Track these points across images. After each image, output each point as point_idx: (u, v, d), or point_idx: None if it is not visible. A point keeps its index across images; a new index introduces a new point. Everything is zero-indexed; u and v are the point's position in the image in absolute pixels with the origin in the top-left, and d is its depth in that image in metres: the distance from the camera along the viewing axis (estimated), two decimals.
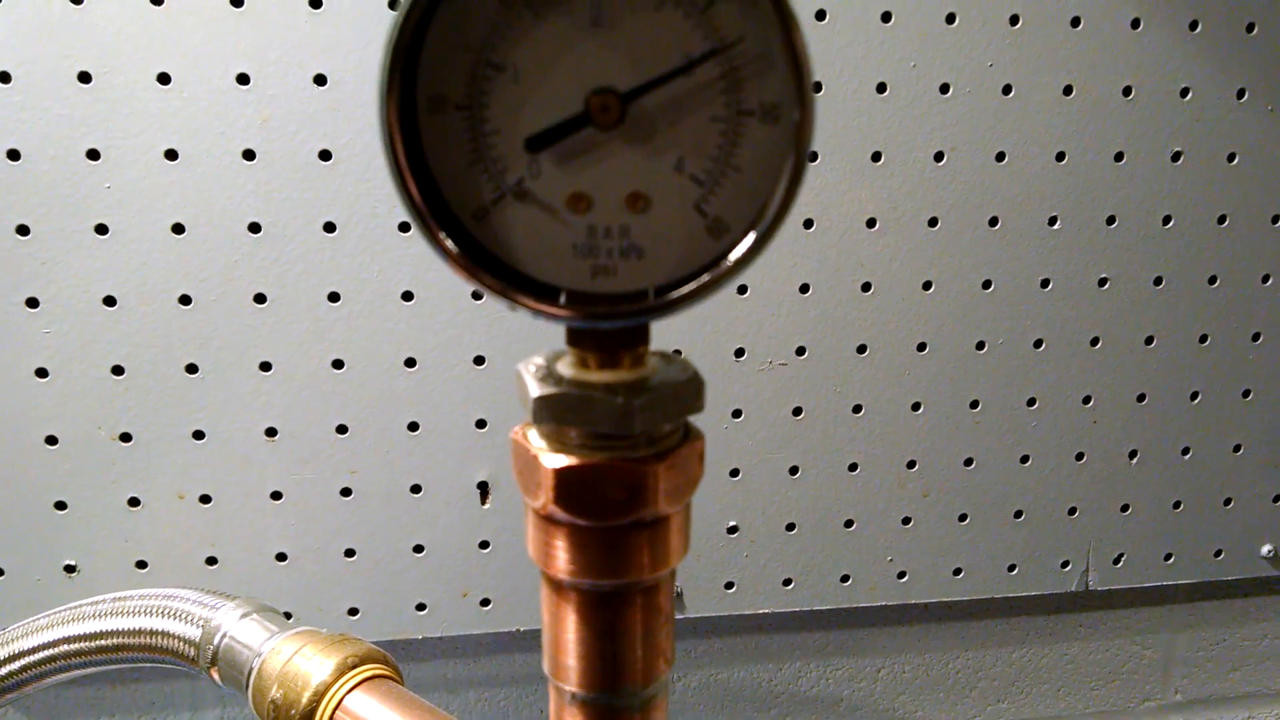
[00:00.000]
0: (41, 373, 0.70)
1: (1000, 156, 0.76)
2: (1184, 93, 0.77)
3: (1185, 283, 0.81)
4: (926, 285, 0.77)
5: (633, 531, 0.33)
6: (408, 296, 0.72)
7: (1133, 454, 0.84)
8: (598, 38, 0.30)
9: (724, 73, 0.30)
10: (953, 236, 0.77)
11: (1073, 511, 0.84)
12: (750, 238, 0.30)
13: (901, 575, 0.83)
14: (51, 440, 0.71)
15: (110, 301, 0.69)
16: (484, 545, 0.77)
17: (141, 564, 0.74)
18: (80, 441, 0.72)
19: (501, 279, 0.31)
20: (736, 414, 0.78)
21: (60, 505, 0.72)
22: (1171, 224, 0.79)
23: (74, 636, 0.59)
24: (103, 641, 0.58)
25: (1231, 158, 0.79)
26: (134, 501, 0.73)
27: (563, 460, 0.32)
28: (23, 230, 0.68)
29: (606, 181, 0.31)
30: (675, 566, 0.35)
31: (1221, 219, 0.80)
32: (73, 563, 0.73)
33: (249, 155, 0.68)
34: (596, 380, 0.32)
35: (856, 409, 0.79)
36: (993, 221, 0.77)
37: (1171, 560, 0.87)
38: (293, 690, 0.49)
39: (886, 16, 0.72)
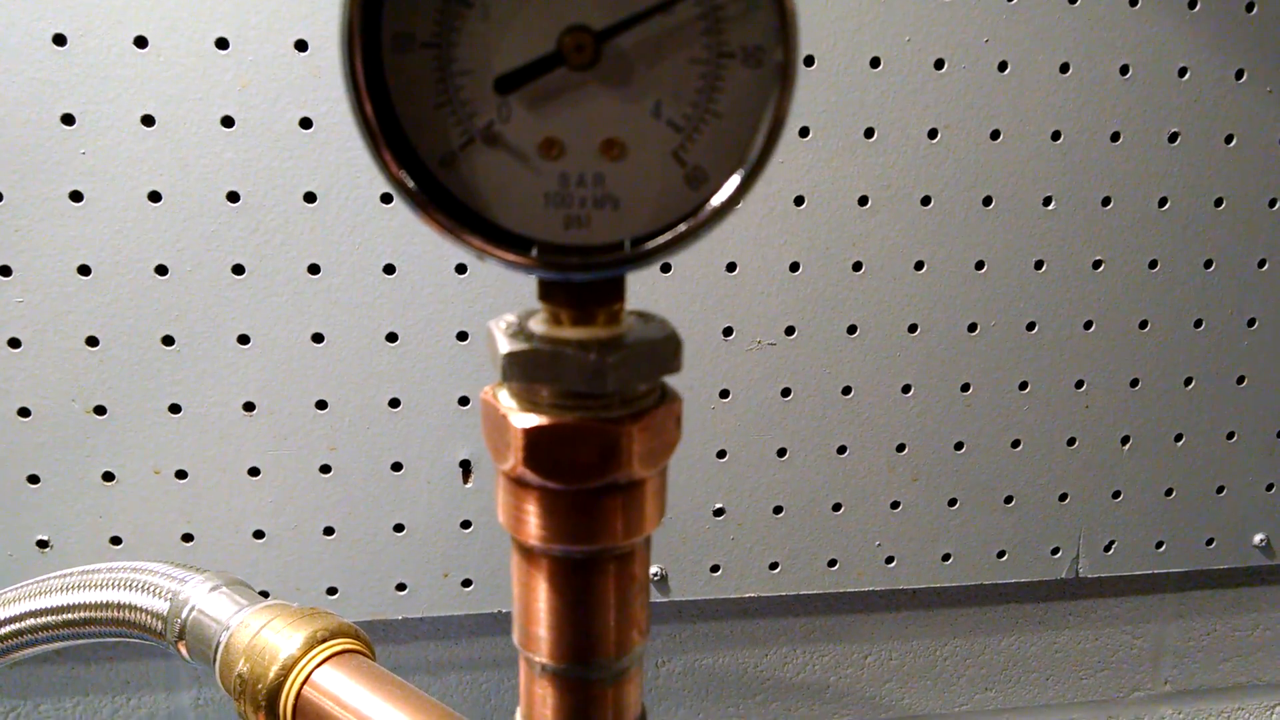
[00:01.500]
0: (14, 343, 0.69)
1: (995, 135, 0.75)
2: (1182, 72, 0.76)
3: (1180, 266, 0.79)
4: (918, 265, 0.76)
5: (606, 495, 0.32)
6: (390, 270, 0.71)
7: (1125, 440, 0.83)
8: None
9: (704, 12, 0.28)
10: (946, 216, 0.76)
11: (1064, 498, 0.83)
12: (733, 180, 0.29)
13: (890, 560, 0.82)
14: (24, 412, 0.70)
15: (85, 270, 0.68)
16: (466, 525, 0.76)
17: (116, 540, 0.73)
18: (54, 414, 0.70)
19: (468, 227, 0.29)
20: (724, 394, 0.77)
21: (33, 479, 0.71)
22: (1167, 206, 0.78)
23: (40, 610, 0.57)
24: (70, 615, 0.57)
25: (1229, 139, 0.77)
26: (108, 476, 0.72)
27: (533, 420, 0.31)
28: None
29: (580, 127, 0.29)
30: (650, 534, 0.34)
31: (1218, 202, 0.79)
32: (45, 538, 0.72)
33: (227, 122, 0.67)
34: (569, 337, 0.31)
35: (846, 390, 0.78)
36: (986, 201, 0.76)
37: (1163, 548, 0.86)
38: (260, 664, 0.48)
39: None
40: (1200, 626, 0.93)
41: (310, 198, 0.69)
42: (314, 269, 0.70)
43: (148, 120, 0.66)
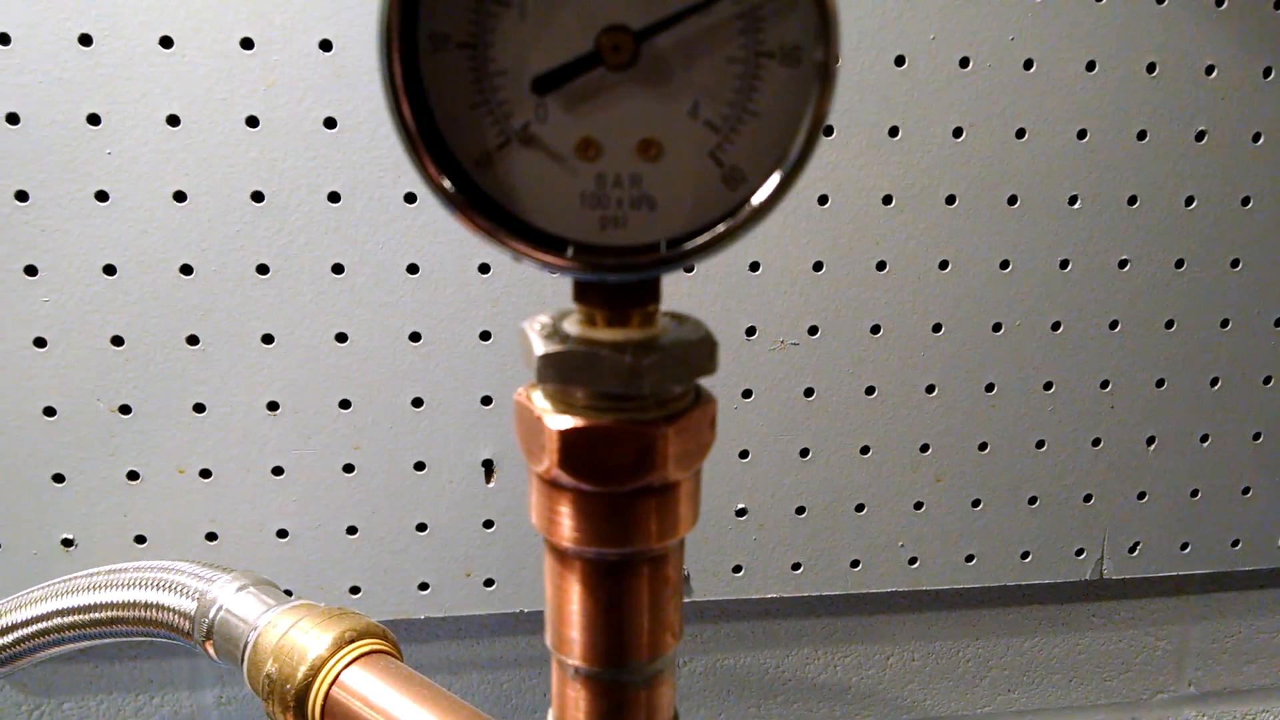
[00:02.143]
0: (40, 342, 0.69)
1: (1020, 133, 0.74)
2: (1209, 70, 0.75)
3: (1207, 266, 0.79)
4: (943, 265, 0.76)
5: (640, 498, 0.32)
6: (413, 269, 0.71)
7: (1150, 441, 0.82)
8: None
9: (742, 11, 0.28)
10: (970, 215, 0.75)
11: (1088, 499, 0.82)
12: (773, 180, 0.28)
13: (913, 561, 0.82)
14: (50, 411, 0.70)
15: (110, 270, 0.68)
16: (488, 525, 0.76)
17: (140, 539, 0.73)
18: (79, 413, 0.70)
19: (505, 228, 0.29)
20: (747, 394, 0.76)
21: (58, 478, 0.71)
22: (1195, 205, 0.77)
23: (68, 609, 0.58)
24: (97, 614, 0.57)
25: (1257, 138, 0.77)
26: (133, 475, 0.72)
27: (568, 421, 0.31)
28: (21, 196, 0.66)
29: (617, 127, 0.29)
30: (684, 536, 0.34)
31: (1245, 201, 0.78)
32: (70, 537, 0.72)
33: (252, 122, 0.67)
34: (604, 338, 0.31)
35: (869, 390, 0.78)
36: (1011, 200, 0.75)
37: (1188, 550, 0.85)
38: (288, 665, 0.48)
39: None
40: (1225, 628, 0.92)
41: (334, 197, 0.69)
42: (338, 269, 0.70)
43: (173, 120, 0.66)
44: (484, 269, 0.71)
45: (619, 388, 0.30)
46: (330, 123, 0.68)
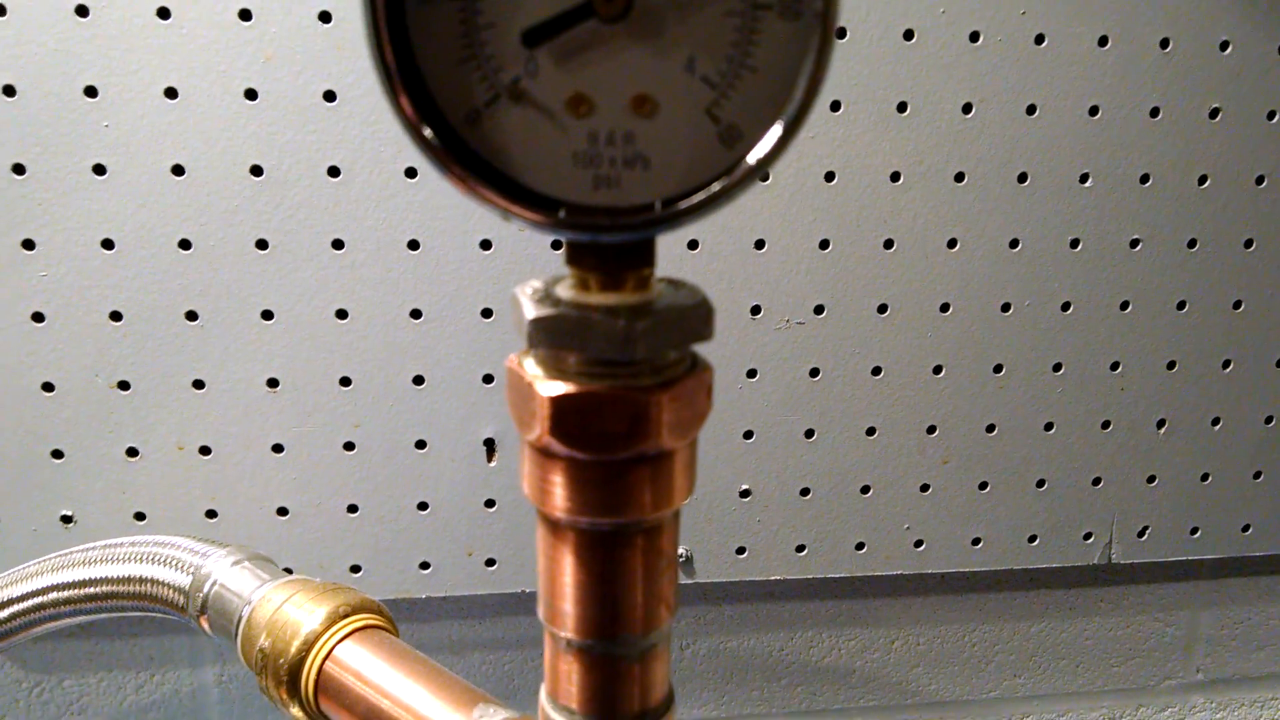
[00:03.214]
0: (38, 317, 0.68)
1: (1031, 110, 0.73)
2: (1223, 46, 0.74)
3: (1220, 246, 0.78)
4: (951, 243, 0.75)
5: (634, 466, 0.31)
6: (414, 245, 0.70)
7: (1161, 423, 0.81)
8: None
9: None
10: (979, 193, 0.74)
11: (1097, 482, 0.82)
12: (771, 135, 0.28)
13: (919, 544, 0.81)
14: (48, 387, 0.70)
15: (109, 245, 0.68)
16: (489, 504, 0.76)
17: (140, 515, 0.72)
18: (77, 389, 0.70)
19: (496, 187, 0.28)
20: (751, 374, 0.75)
21: (57, 454, 0.71)
22: (1208, 184, 0.76)
23: (64, 584, 0.57)
24: (92, 589, 0.56)
25: (1271, 115, 0.75)
26: (132, 452, 0.71)
27: (560, 388, 0.30)
28: (19, 169, 0.66)
29: (610, 82, 0.28)
30: (679, 508, 0.33)
31: (1260, 180, 0.77)
32: (69, 513, 0.72)
33: (251, 95, 0.66)
34: (597, 302, 0.30)
35: (876, 371, 0.77)
36: (1021, 178, 0.74)
37: (1198, 534, 0.84)
38: (281, 639, 0.47)
39: None
40: (1235, 615, 0.91)
41: (334, 172, 0.68)
42: (338, 244, 0.69)
43: (171, 93, 0.66)
44: (485, 245, 0.71)
45: (612, 353, 0.29)
46: (330, 96, 0.67)
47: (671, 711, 0.36)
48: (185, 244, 0.68)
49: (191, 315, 0.69)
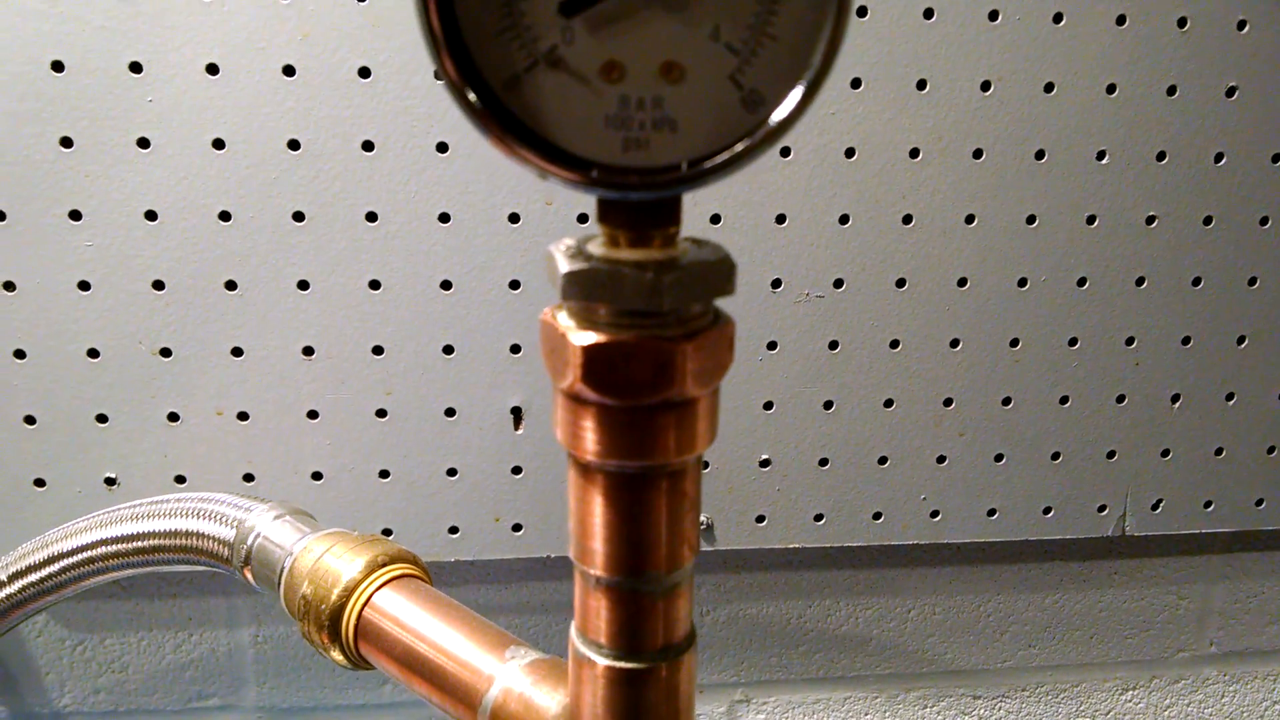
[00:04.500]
0: (84, 285, 0.71)
1: (1049, 87, 0.74)
2: (1240, 25, 0.75)
3: (1236, 223, 0.79)
4: (969, 219, 0.76)
5: (660, 412, 0.33)
6: (444, 219, 0.72)
7: (1175, 398, 0.82)
8: None
9: None
10: (997, 169, 0.75)
11: (1112, 455, 0.83)
12: (792, 97, 0.29)
13: (935, 514, 0.83)
14: (93, 353, 0.72)
15: (151, 216, 0.70)
16: (516, 470, 0.78)
17: (180, 479, 0.75)
18: (121, 355, 0.72)
19: (532, 148, 0.30)
20: (771, 346, 0.77)
21: (101, 418, 0.73)
22: (1224, 161, 0.77)
23: (111, 539, 0.60)
24: (139, 543, 0.59)
25: None
26: (173, 416, 0.74)
27: (591, 337, 0.32)
28: (66, 142, 0.68)
29: (641, 50, 0.30)
30: (701, 453, 0.35)
31: (1275, 158, 0.78)
32: (113, 475, 0.75)
33: (289, 71, 0.68)
34: (627, 258, 0.32)
35: (894, 344, 0.78)
36: (1039, 155, 0.75)
37: (1211, 508, 0.85)
38: (323, 586, 0.50)
39: None
40: (1248, 588, 0.92)
41: (368, 146, 0.70)
42: (371, 216, 0.72)
43: (212, 69, 0.68)
44: (514, 218, 0.73)
45: (640, 304, 0.31)
46: (365, 73, 0.69)
47: (693, 648, 0.38)
48: (225, 215, 0.70)
49: (231, 285, 0.72)
